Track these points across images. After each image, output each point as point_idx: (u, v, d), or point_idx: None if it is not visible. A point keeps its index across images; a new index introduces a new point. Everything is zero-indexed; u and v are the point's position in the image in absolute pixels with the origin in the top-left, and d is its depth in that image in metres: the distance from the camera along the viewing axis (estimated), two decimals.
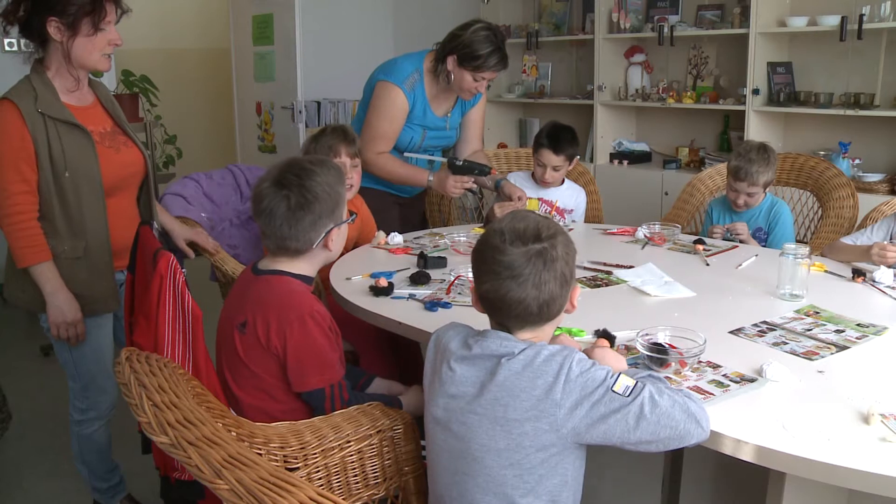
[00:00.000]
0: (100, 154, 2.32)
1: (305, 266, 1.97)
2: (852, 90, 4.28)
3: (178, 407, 1.28)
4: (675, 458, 1.99)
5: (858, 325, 1.99)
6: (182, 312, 1.79)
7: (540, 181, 3.36)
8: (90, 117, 2.37)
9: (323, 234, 1.93)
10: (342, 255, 2.73)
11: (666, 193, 4.78)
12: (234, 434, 1.58)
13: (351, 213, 2.10)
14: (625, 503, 2.10)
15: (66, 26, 2.24)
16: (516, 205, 3.12)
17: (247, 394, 1.91)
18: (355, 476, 1.78)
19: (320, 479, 1.71)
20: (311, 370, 1.87)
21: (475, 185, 3.24)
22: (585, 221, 3.47)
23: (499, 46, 3.06)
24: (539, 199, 3.38)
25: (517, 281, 1.45)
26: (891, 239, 2.64)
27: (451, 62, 3.09)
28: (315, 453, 1.70)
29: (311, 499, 1.05)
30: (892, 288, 2.30)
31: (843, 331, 1.95)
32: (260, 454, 1.61)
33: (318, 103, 5.62)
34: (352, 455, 1.76)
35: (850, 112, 4.17)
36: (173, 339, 1.80)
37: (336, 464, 1.74)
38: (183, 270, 1.80)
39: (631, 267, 2.52)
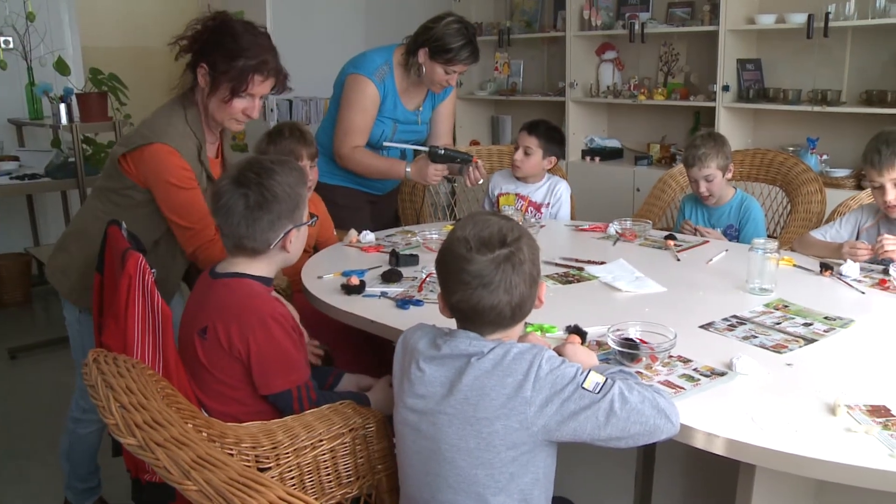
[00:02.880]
0: None
1: (263, 267, 1.94)
2: (819, 87, 4.34)
3: (147, 408, 1.27)
4: (648, 453, 2.00)
5: (826, 318, 2.01)
6: (151, 313, 1.77)
7: (512, 164, 3.37)
8: (214, 170, 2.45)
9: (281, 235, 1.90)
10: (309, 256, 2.73)
11: (638, 190, 4.81)
12: (204, 435, 1.57)
13: (312, 215, 2.08)
14: (598, 498, 2.10)
15: (210, 80, 2.27)
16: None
17: (212, 399, 1.88)
18: (328, 475, 1.77)
19: (293, 478, 1.70)
20: (276, 372, 1.85)
21: (455, 175, 3.24)
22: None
23: (470, 40, 3.07)
24: (516, 195, 3.39)
25: (488, 289, 1.45)
26: (858, 232, 2.67)
27: (422, 55, 3.09)
28: (287, 453, 1.69)
29: (280, 498, 1.04)
30: (859, 281, 2.33)
31: (810, 324, 1.97)
32: (231, 454, 1.60)
33: (290, 101, 5.59)
34: (324, 454, 1.75)
35: (817, 108, 4.23)
36: (143, 340, 1.78)
37: (309, 463, 1.73)
38: (153, 271, 1.78)
39: (602, 263, 2.53)
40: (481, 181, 3.24)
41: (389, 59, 3.20)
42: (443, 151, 3.13)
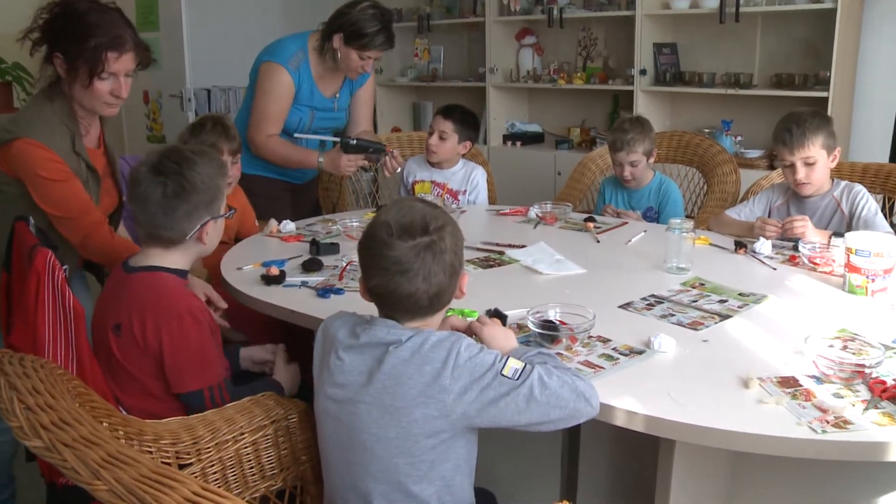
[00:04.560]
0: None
1: (178, 259, 1.90)
2: (733, 71, 4.44)
3: (54, 408, 1.22)
4: (573, 433, 2.02)
5: (740, 294, 2.06)
6: (63, 310, 1.71)
7: (426, 149, 3.36)
8: (96, 161, 2.35)
9: (198, 227, 1.87)
10: (230, 247, 2.68)
11: (559, 173, 4.85)
12: (121, 433, 1.53)
13: (230, 208, 2.05)
14: (524, 480, 2.11)
15: (67, 67, 2.18)
16: None
17: (129, 396, 1.84)
18: (251, 468, 1.75)
19: (215, 473, 1.68)
20: (189, 371, 1.82)
21: (367, 163, 3.21)
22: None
23: (385, 25, 3.03)
24: (432, 182, 3.38)
25: (406, 276, 1.43)
26: (769, 211, 2.75)
27: (337, 40, 3.05)
28: (209, 447, 1.66)
29: (195, 493, 1.01)
30: (771, 258, 2.40)
31: (725, 301, 2.02)
32: (150, 452, 1.57)
33: (209, 91, 5.47)
34: (247, 447, 1.73)
35: (731, 91, 4.32)
36: (54, 339, 1.72)
37: (231, 457, 1.70)
38: (64, 268, 1.72)
39: (523, 246, 2.54)
40: (399, 170, 3.22)
41: (304, 45, 3.15)
42: (354, 142, 3.09)
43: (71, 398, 1.36)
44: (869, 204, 2.57)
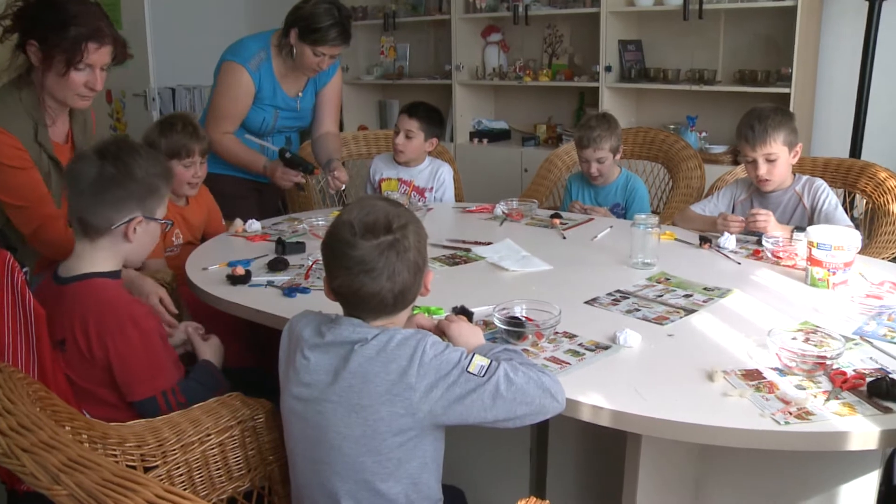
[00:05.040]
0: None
1: (107, 258, 1.84)
2: (697, 67, 4.48)
3: (12, 413, 1.20)
4: (541, 428, 2.03)
5: (705, 288, 2.08)
6: (23, 313, 1.68)
7: (393, 149, 3.35)
8: (62, 156, 2.31)
9: (126, 220, 1.81)
10: (195, 247, 2.65)
11: (526, 170, 4.86)
12: (84, 437, 1.51)
13: (167, 221, 1.98)
14: (493, 477, 2.12)
15: (43, 56, 2.14)
16: None
17: (90, 406, 1.80)
18: (218, 469, 1.73)
19: (181, 475, 1.66)
20: (139, 378, 1.78)
21: (303, 181, 3.17)
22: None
23: (340, 21, 3.00)
24: (398, 180, 3.37)
25: (370, 275, 1.43)
26: (733, 205, 2.77)
27: (293, 36, 3.03)
28: (174, 450, 1.64)
29: (157, 496, 1.00)
30: (736, 252, 2.42)
31: (691, 295, 2.03)
32: (115, 455, 1.55)
33: (173, 90, 5.41)
34: (213, 448, 1.71)
35: (695, 87, 4.36)
36: (14, 342, 1.69)
37: (197, 459, 1.68)
38: (25, 270, 1.69)
39: (489, 244, 2.55)
40: (343, 187, 3.21)
41: (266, 44, 3.13)
42: (289, 155, 3.06)
43: (31, 402, 1.34)
44: (829, 198, 2.60)
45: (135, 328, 1.78)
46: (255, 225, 2.82)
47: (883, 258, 2.50)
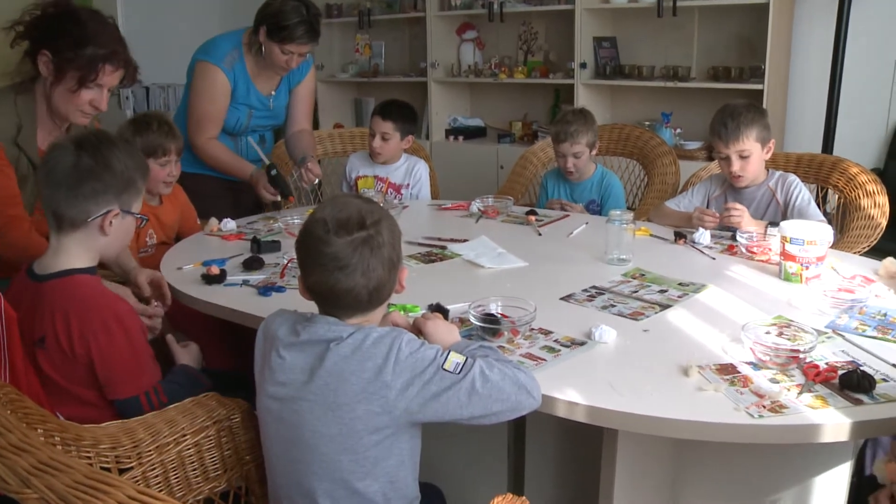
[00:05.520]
0: None
1: (83, 253, 1.82)
2: (671, 64, 4.51)
3: None
4: (518, 425, 2.03)
5: (680, 284, 2.09)
6: None
7: (371, 152, 3.34)
8: None
9: (102, 212, 1.79)
10: (169, 247, 2.63)
11: (501, 167, 4.87)
12: (57, 439, 1.49)
13: (142, 217, 1.97)
14: (471, 473, 2.12)
15: (54, 68, 2.12)
16: None
17: (61, 406, 1.78)
18: (194, 470, 1.72)
19: (157, 476, 1.65)
20: (122, 377, 1.77)
21: (279, 200, 3.13)
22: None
23: (308, 19, 2.97)
24: (374, 177, 3.37)
25: (345, 272, 1.42)
26: (707, 201, 2.79)
27: (262, 34, 3.01)
28: (149, 451, 1.63)
29: (130, 497, 0.99)
30: (710, 248, 2.44)
31: (666, 290, 2.04)
32: (89, 457, 1.53)
33: (147, 89, 5.37)
34: (189, 449, 1.70)
35: (669, 84, 4.39)
36: None
37: (173, 459, 1.67)
38: None
39: (465, 241, 2.55)
40: (317, 181, 3.20)
41: (238, 43, 3.10)
42: (274, 173, 3.02)
43: (1, 405, 1.33)
44: (802, 193, 2.62)
45: (119, 326, 1.76)
46: (230, 224, 2.80)
47: (855, 252, 2.52)
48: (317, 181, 3.20)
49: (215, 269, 2.23)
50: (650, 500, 1.82)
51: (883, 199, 2.77)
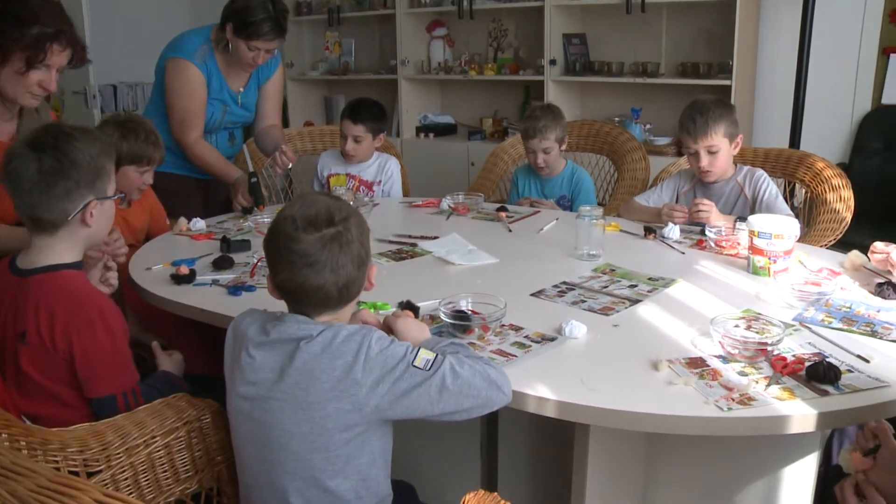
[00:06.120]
0: None
1: (67, 248, 1.80)
2: (640, 60, 4.53)
3: None
4: (491, 421, 2.04)
5: (650, 278, 2.10)
6: None
7: (344, 154, 3.34)
8: None
9: (80, 207, 1.77)
10: (138, 248, 2.60)
11: (472, 164, 4.87)
12: (23, 443, 1.48)
13: (120, 195, 1.96)
14: (444, 470, 2.12)
15: (0, 49, 2.07)
16: None
17: (36, 405, 1.76)
18: (165, 472, 1.71)
19: (126, 479, 1.64)
20: (101, 375, 1.75)
21: (248, 207, 3.05)
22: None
23: (274, 15, 2.95)
24: (346, 175, 3.36)
25: (314, 269, 1.42)
26: (677, 196, 2.81)
27: (228, 30, 2.99)
28: (119, 453, 1.62)
29: (97, 501, 0.98)
30: (680, 242, 2.45)
31: (636, 285, 2.05)
32: (56, 461, 1.52)
33: (115, 87, 5.31)
34: (159, 450, 1.69)
35: (639, 80, 4.42)
36: None
37: (143, 461, 1.66)
38: None
39: (435, 238, 2.55)
40: (290, 166, 3.19)
41: (207, 38, 3.07)
42: (254, 181, 3.00)
43: None
44: (770, 188, 2.65)
45: (103, 323, 1.75)
46: (199, 223, 2.78)
47: (822, 246, 2.56)
48: (290, 165, 3.18)
49: (185, 269, 2.21)
50: (622, 493, 1.83)
51: (848, 193, 2.81)
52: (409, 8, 5.17)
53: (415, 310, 1.77)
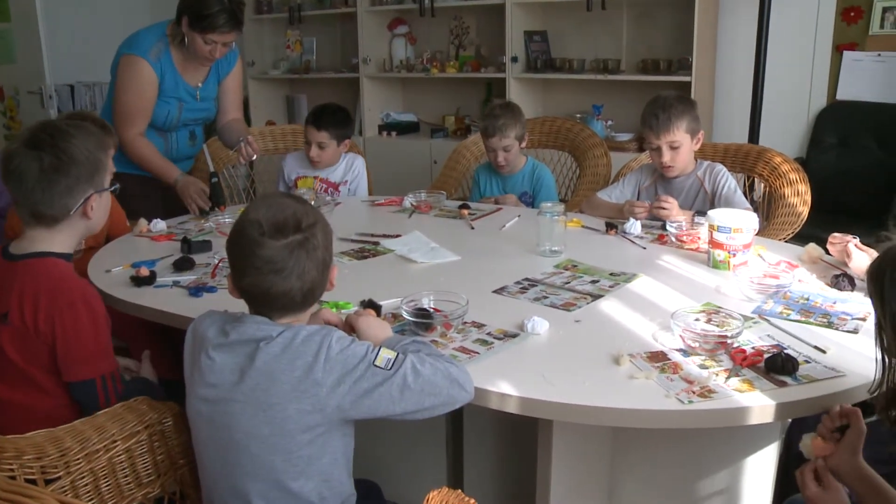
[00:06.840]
0: None
1: (64, 239, 1.85)
2: (602, 57, 4.56)
3: None
4: (456, 419, 2.04)
5: (612, 274, 2.12)
6: None
7: (310, 161, 3.32)
8: None
9: (81, 201, 1.82)
10: (97, 249, 2.57)
11: (435, 162, 4.87)
12: None
13: (115, 186, 2.02)
14: (410, 468, 2.11)
15: None
16: None
17: (14, 390, 1.77)
18: (126, 476, 1.68)
19: (86, 485, 1.61)
20: (82, 359, 1.76)
21: (206, 209, 3.02)
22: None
23: (229, 7, 2.92)
24: (315, 178, 3.34)
25: (281, 275, 1.41)
26: (639, 191, 2.83)
27: (184, 24, 2.95)
28: (78, 459, 1.59)
29: None
30: (641, 238, 2.47)
31: (597, 281, 2.06)
32: (11, 469, 1.49)
33: (72, 87, 5.22)
34: (120, 455, 1.66)
35: (600, 77, 4.44)
36: None
37: (103, 467, 1.64)
38: None
39: (398, 236, 2.54)
40: (255, 157, 3.17)
41: (163, 34, 3.04)
42: (215, 180, 2.99)
43: None
44: (729, 182, 2.67)
45: (86, 307, 1.76)
46: (159, 224, 2.75)
47: (780, 239, 2.59)
48: (254, 157, 3.15)
49: (145, 271, 2.18)
50: (587, 489, 1.84)
51: (804, 188, 2.85)
52: (370, 6, 5.15)
53: (377, 308, 1.76)
